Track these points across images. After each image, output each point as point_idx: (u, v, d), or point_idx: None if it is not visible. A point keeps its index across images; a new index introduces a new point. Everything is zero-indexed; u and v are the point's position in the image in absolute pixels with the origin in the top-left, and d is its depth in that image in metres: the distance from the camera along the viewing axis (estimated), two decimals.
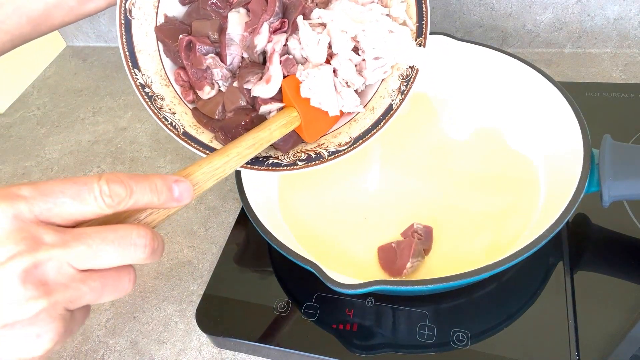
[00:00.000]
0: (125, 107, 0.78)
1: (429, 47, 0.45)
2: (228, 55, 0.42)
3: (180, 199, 0.31)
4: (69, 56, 0.93)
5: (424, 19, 0.45)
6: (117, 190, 0.27)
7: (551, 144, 0.49)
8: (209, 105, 0.43)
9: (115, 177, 0.28)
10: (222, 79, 0.43)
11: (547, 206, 0.45)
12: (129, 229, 0.28)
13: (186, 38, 0.42)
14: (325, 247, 0.48)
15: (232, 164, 0.37)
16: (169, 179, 0.31)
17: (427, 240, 0.45)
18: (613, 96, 0.59)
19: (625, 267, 0.44)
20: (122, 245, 0.27)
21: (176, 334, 0.49)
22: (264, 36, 0.41)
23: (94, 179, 0.27)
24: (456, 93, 0.58)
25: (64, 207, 0.27)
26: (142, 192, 0.29)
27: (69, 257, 0.26)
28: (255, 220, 0.44)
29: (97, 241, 0.27)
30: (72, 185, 0.27)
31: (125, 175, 0.28)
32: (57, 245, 0.26)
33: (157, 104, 0.43)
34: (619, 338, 0.40)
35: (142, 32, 0.43)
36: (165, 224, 0.60)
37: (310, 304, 0.45)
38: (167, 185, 0.30)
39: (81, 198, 0.27)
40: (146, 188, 0.29)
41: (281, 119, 0.41)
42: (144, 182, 0.29)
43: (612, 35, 0.67)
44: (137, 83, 0.43)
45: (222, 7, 0.43)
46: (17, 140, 0.77)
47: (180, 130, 0.43)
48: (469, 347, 0.40)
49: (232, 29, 0.42)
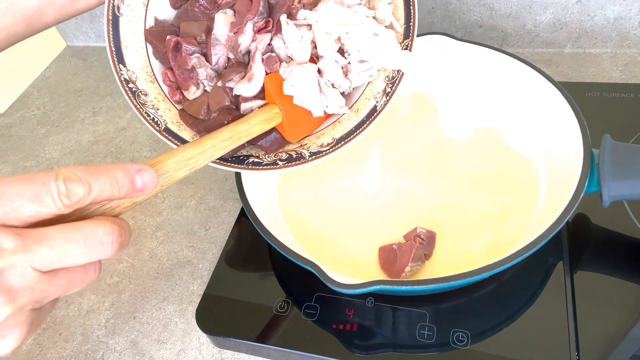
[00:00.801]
0: (125, 107, 0.78)
1: (415, 50, 0.44)
2: (213, 55, 0.43)
3: (144, 189, 0.30)
4: (69, 56, 0.93)
5: (411, 21, 0.44)
6: (74, 190, 0.27)
7: (551, 144, 0.49)
8: (194, 105, 0.43)
9: (73, 174, 0.27)
10: (207, 79, 0.43)
11: (547, 206, 0.45)
12: (94, 227, 0.27)
13: (174, 39, 0.42)
14: (325, 247, 0.48)
15: (207, 155, 0.36)
16: (131, 170, 0.29)
17: (429, 246, 0.45)
18: (613, 96, 0.59)
19: (625, 267, 0.44)
20: (88, 245, 0.27)
21: (176, 334, 0.49)
22: (247, 35, 0.41)
23: (51, 178, 0.26)
24: (456, 93, 0.58)
25: (22, 210, 0.26)
26: (102, 187, 0.28)
27: (31, 261, 0.25)
28: (255, 220, 0.44)
29: (61, 242, 0.26)
30: (28, 186, 0.26)
31: (84, 170, 0.27)
32: (18, 251, 0.25)
33: (141, 99, 0.43)
34: (619, 338, 0.40)
35: (130, 28, 0.44)
36: (165, 224, 0.60)
37: (310, 304, 0.45)
38: (128, 178, 0.29)
39: (39, 200, 0.26)
40: (106, 182, 0.28)
41: (261, 115, 0.41)
42: (104, 176, 0.28)
43: (612, 35, 0.67)
44: (122, 78, 0.43)
45: (210, 9, 0.43)
46: (17, 140, 0.77)
47: (161, 126, 0.43)
48: (469, 347, 0.40)
49: (218, 29, 0.42)
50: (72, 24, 0.91)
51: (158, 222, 0.60)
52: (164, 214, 0.61)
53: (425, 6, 0.70)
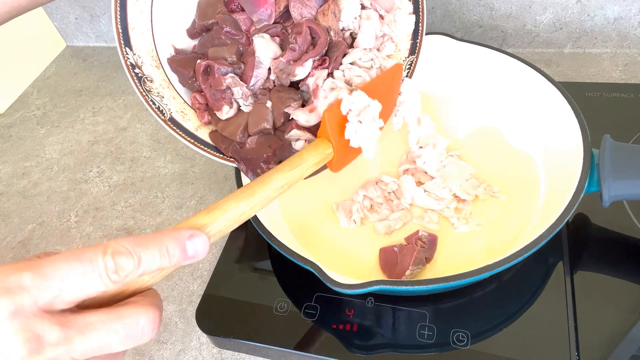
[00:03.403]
0: (125, 107, 0.78)
1: (415, 77, 0.48)
2: (253, 77, 0.44)
3: (195, 256, 0.29)
4: (69, 56, 0.93)
5: (418, 38, 0.49)
6: (124, 264, 0.26)
7: (551, 143, 0.49)
8: (229, 127, 0.44)
9: (122, 247, 0.26)
10: (242, 97, 0.44)
11: (547, 206, 0.45)
12: (136, 315, 0.26)
13: (204, 62, 0.43)
14: (325, 247, 0.48)
15: (257, 207, 0.34)
16: (182, 237, 0.28)
17: (430, 249, 0.44)
18: (613, 96, 0.59)
19: (625, 267, 0.44)
20: (129, 334, 0.26)
21: (176, 334, 0.49)
22: (306, 69, 0.43)
23: (99, 253, 0.25)
24: (456, 93, 0.58)
25: (69, 292, 0.25)
26: (152, 259, 0.27)
27: (73, 353, 0.25)
28: (255, 221, 0.44)
29: (102, 333, 0.25)
30: (76, 264, 0.25)
31: (133, 242, 0.26)
32: (61, 344, 0.25)
33: (146, 86, 0.43)
34: (619, 338, 0.40)
35: (137, 9, 0.44)
36: (165, 224, 0.60)
37: (310, 304, 0.45)
38: (179, 246, 0.28)
39: (87, 279, 0.25)
40: (155, 254, 0.27)
41: (315, 156, 0.39)
42: (153, 248, 0.27)
43: (612, 35, 0.67)
44: (128, 63, 0.43)
45: (237, 35, 0.45)
46: (17, 140, 0.77)
47: (167, 115, 0.43)
48: (469, 347, 0.40)
49: (261, 52, 0.43)
50: (72, 24, 0.91)
51: (158, 222, 0.60)
52: (164, 214, 0.61)
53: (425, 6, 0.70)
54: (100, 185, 0.67)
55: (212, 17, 0.45)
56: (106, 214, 0.63)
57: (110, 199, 0.64)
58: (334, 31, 0.44)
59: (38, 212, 0.65)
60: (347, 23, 0.45)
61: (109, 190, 0.66)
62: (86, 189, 0.67)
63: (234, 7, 0.45)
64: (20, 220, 0.64)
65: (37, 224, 0.63)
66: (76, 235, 0.61)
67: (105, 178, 0.68)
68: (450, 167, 0.51)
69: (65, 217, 0.63)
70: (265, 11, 0.44)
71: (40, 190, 0.68)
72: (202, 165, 0.66)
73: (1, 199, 0.68)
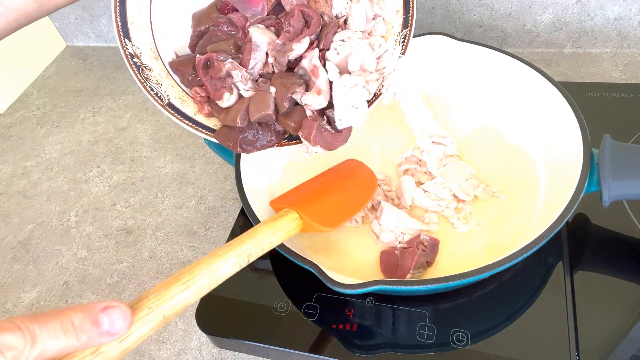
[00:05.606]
0: (125, 107, 0.78)
1: (409, 53, 0.48)
2: (252, 59, 0.44)
3: (113, 330, 0.24)
4: (69, 56, 0.94)
5: (410, 12, 0.49)
6: (10, 342, 0.21)
7: (551, 143, 0.49)
8: (230, 114, 0.44)
9: (11, 323, 0.22)
10: (242, 81, 0.44)
11: (547, 206, 0.45)
12: None
13: (203, 57, 0.44)
14: (325, 247, 0.48)
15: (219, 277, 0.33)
16: (92, 310, 0.24)
17: (432, 253, 0.44)
18: (613, 96, 0.59)
19: (625, 267, 0.44)
20: None
21: (176, 334, 0.49)
22: (304, 45, 0.44)
23: None
24: (456, 93, 0.58)
25: None
26: (52, 336, 0.22)
27: None
28: (255, 221, 0.44)
29: None
30: None
31: (28, 317, 0.22)
32: None
33: (145, 74, 0.44)
34: (619, 338, 0.40)
35: (136, 5, 0.44)
36: (165, 224, 0.60)
37: (310, 304, 0.45)
38: (89, 319, 0.24)
39: None
40: (57, 329, 0.23)
41: (285, 228, 0.39)
42: (53, 322, 0.23)
43: (612, 35, 0.67)
44: (127, 52, 0.43)
45: (234, 30, 0.46)
46: (17, 140, 0.77)
47: (165, 100, 0.44)
48: (469, 347, 0.40)
49: (257, 38, 0.44)
50: (72, 24, 0.91)
51: (158, 222, 0.60)
52: (164, 214, 0.61)
53: (425, 6, 0.70)
54: (100, 185, 0.67)
55: (207, 23, 0.46)
56: (106, 214, 0.63)
57: (110, 199, 0.65)
58: (327, 16, 0.45)
59: (38, 212, 0.65)
60: (340, 9, 0.47)
61: (109, 190, 0.66)
62: (86, 189, 0.67)
63: (227, 11, 0.46)
64: (20, 220, 0.64)
65: (37, 224, 0.63)
66: (76, 235, 0.61)
67: (105, 178, 0.68)
68: (450, 167, 0.51)
69: (65, 217, 0.63)
70: (258, 7, 0.45)
71: (40, 190, 0.68)
72: (202, 165, 0.66)
73: (1, 199, 0.68)
